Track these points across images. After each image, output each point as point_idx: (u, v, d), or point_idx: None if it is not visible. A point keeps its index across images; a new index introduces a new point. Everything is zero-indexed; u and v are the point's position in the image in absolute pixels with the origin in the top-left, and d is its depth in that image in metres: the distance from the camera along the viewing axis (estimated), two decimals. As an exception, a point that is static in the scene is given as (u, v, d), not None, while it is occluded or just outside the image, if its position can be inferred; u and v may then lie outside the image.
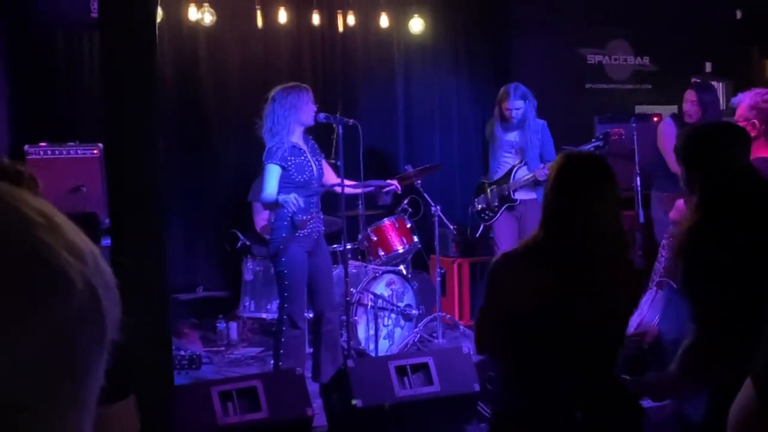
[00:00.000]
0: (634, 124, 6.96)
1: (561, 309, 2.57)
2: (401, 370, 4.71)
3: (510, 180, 6.70)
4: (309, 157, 5.35)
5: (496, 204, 6.77)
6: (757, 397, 1.35)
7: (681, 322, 2.70)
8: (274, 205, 5.27)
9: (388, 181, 5.97)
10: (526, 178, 6.59)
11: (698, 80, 7.86)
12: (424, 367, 4.77)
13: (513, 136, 6.70)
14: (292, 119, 5.27)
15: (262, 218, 6.95)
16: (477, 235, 7.09)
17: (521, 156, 6.69)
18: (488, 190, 6.86)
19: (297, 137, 5.33)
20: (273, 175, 5.23)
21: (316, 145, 5.51)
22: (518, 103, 6.53)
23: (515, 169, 6.69)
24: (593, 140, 6.49)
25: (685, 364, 2.58)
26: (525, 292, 2.59)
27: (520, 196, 6.67)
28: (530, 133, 6.61)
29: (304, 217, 5.20)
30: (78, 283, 0.57)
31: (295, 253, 5.30)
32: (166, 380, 2.82)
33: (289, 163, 5.24)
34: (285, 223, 5.27)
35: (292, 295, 5.33)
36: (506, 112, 6.58)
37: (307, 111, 5.30)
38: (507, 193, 6.70)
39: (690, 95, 6.43)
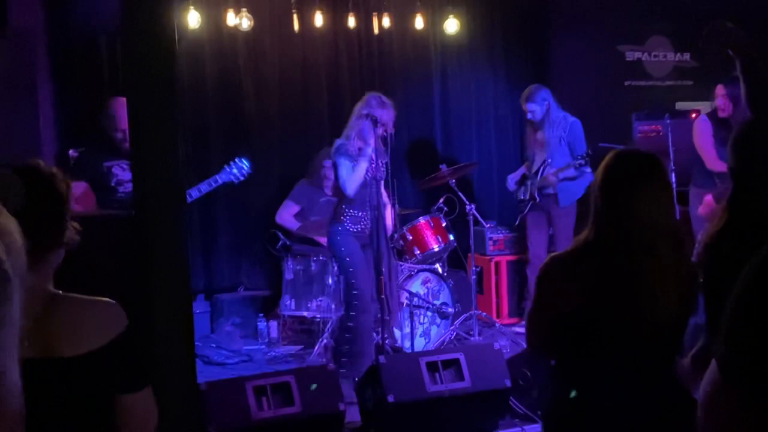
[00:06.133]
0: (668, 121, 6.94)
1: (612, 308, 2.55)
2: (432, 366, 4.77)
3: (538, 177, 6.97)
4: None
5: (528, 197, 7.04)
6: (719, 376, 1.41)
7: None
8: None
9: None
10: (544, 177, 6.90)
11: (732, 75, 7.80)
12: (455, 363, 4.82)
13: (540, 134, 6.97)
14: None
15: (287, 212, 7.15)
16: (516, 223, 7.32)
17: (548, 154, 6.93)
18: (525, 183, 7.15)
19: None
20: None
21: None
22: (531, 106, 6.89)
23: (543, 167, 6.94)
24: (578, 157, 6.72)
25: (696, 365, 2.56)
26: (574, 292, 2.57)
27: (547, 191, 6.97)
28: (551, 131, 6.89)
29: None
30: None
31: (353, 243, 5.78)
32: (189, 376, 2.91)
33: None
34: (343, 217, 5.78)
35: (360, 278, 5.72)
36: (525, 113, 7.01)
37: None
38: (534, 189, 7.00)
39: (719, 90, 6.42)
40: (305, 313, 6.94)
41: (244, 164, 6.13)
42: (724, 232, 2.62)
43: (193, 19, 7.03)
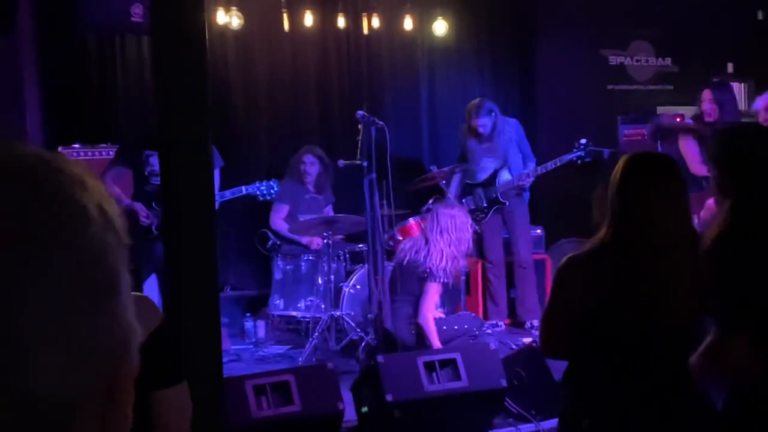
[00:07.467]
0: (657, 125, 7.01)
1: (629, 308, 2.58)
2: (430, 366, 4.79)
3: (496, 183, 6.97)
4: None
5: (485, 206, 7.04)
6: None
7: None
8: None
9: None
10: (509, 181, 6.91)
11: (717, 80, 7.89)
12: (452, 362, 4.84)
13: (489, 144, 6.98)
14: None
15: (278, 216, 7.12)
16: (477, 230, 7.29)
17: (502, 160, 6.97)
18: (475, 192, 7.08)
19: None
20: None
21: None
22: (482, 121, 6.86)
23: (498, 172, 6.97)
24: (574, 150, 6.70)
25: (703, 361, 2.59)
26: (592, 293, 2.60)
27: (506, 196, 6.99)
28: (503, 138, 6.93)
29: None
30: (93, 211, 0.72)
31: None
32: (216, 372, 2.92)
33: None
34: None
35: None
36: (476, 128, 6.91)
37: None
38: (495, 195, 6.99)
39: (706, 94, 6.49)
40: (294, 313, 6.93)
41: (273, 187, 6.34)
42: (732, 233, 2.66)
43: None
